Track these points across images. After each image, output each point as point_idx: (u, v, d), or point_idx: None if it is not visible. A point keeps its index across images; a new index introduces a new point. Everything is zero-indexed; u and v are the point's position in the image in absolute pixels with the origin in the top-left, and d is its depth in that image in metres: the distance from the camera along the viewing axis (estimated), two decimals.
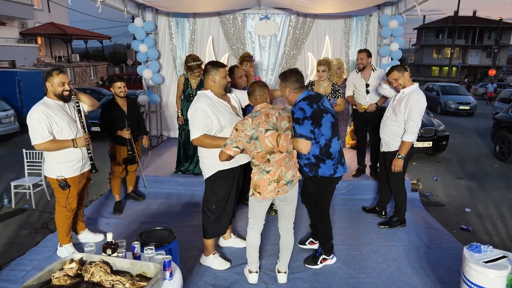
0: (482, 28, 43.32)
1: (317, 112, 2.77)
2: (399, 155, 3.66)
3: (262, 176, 2.65)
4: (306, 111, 2.73)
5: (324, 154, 2.90)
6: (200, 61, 4.72)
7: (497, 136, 8.33)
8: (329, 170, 2.95)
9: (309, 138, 2.72)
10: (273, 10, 6.80)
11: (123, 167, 4.41)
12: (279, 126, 2.63)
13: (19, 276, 3.08)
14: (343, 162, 3.04)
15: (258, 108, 2.70)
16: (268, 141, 2.57)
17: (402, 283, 3.04)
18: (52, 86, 3.07)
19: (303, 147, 2.70)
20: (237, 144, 2.58)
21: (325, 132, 2.83)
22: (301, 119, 2.71)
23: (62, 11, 27.92)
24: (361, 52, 4.68)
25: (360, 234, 3.91)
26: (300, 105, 2.78)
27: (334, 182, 3.08)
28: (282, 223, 2.94)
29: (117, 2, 5.81)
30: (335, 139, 2.92)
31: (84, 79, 24.51)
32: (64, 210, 3.24)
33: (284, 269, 3.04)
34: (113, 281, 1.99)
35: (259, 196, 2.69)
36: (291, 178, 2.71)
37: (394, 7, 6.49)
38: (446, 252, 3.53)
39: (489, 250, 2.43)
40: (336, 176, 3.00)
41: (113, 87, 4.25)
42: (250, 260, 3.00)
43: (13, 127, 9.96)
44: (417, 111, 3.54)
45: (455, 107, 15.39)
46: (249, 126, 2.57)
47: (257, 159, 2.65)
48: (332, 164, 2.94)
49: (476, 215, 5.01)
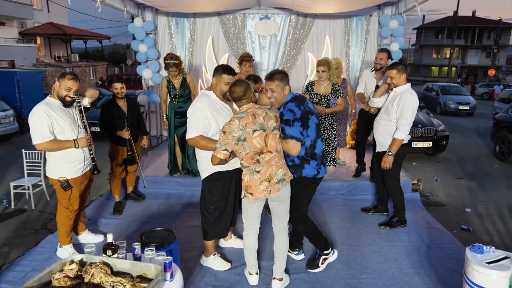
0: (482, 28, 43.38)
1: (304, 114, 2.79)
2: (389, 152, 3.70)
3: (253, 176, 2.62)
4: (295, 113, 2.74)
5: (309, 154, 2.91)
6: (178, 60, 4.75)
7: (497, 136, 8.32)
8: (313, 171, 2.95)
9: (299, 139, 2.73)
10: (273, 10, 6.79)
11: (123, 167, 4.40)
12: (267, 126, 2.59)
13: (18, 277, 3.07)
14: (325, 163, 3.09)
15: (244, 108, 2.63)
16: (256, 142, 2.54)
17: (403, 283, 3.03)
18: (58, 86, 3.06)
19: (294, 148, 2.70)
20: (226, 147, 2.55)
21: (311, 133, 2.86)
22: (292, 121, 2.71)
23: (61, 11, 27.90)
24: (382, 51, 4.54)
25: (361, 234, 3.90)
26: (289, 107, 2.78)
27: (316, 183, 3.08)
28: (276, 224, 2.90)
29: (116, 2, 5.79)
30: (319, 139, 2.97)
31: (83, 79, 24.47)
32: (66, 211, 3.23)
33: (279, 275, 2.92)
34: (113, 282, 1.98)
35: (251, 197, 2.65)
36: (282, 177, 2.68)
37: (394, 7, 6.48)
38: (447, 253, 3.53)
39: (491, 251, 2.42)
40: (319, 177, 3.01)
41: (112, 88, 4.23)
42: (249, 264, 2.99)
43: (12, 127, 9.93)
44: (409, 110, 3.58)
45: (454, 107, 15.38)
46: (236, 128, 2.53)
47: (246, 161, 2.61)
48: (315, 164, 2.96)
49: (477, 215, 5.01)
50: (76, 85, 3.08)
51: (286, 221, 2.90)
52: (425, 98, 16.86)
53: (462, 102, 15.51)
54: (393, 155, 3.70)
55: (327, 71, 4.37)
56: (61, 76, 3.07)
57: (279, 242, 2.90)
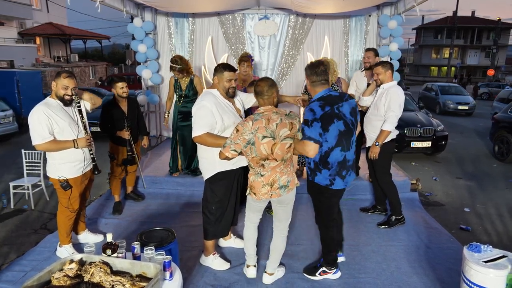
0: (481, 28, 43.43)
1: (327, 116, 2.59)
2: (377, 142, 3.81)
3: (257, 178, 2.64)
4: (316, 113, 2.58)
5: (321, 162, 2.73)
6: (182, 65, 4.60)
7: (496, 136, 8.34)
8: (325, 181, 2.78)
9: (318, 141, 2.57)
10: (273, 10, 6.79)
11: (123, 168, 4.40)
12: (277, 134, 2.52)
13: (18, 277, 3.07)
14: (343, 175, 2.79)
15: (262, 110, 2.61)
16: (263, 148, 2.52)
17: (401, 283, 3.04)
18: (56, 86, 3.07)
19: (310, 150, 2.57)
20: (235, 147, 2.56)
21: (330, 139, 2.65)
22: (310, 121, 2.58)
23: (61, 11, 27.87)
24: (368, 51, 4.67)
25: (360, 234, 3.91)
26: (311, 106, 2.64)
27: (331, 194, 2.85)
28: (276, 225, 2.93)
29: (116, 2, 5.79)
30: (338, 149, 2.69)
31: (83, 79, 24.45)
32: (66, 211, 3.24)
33: (271, 270, 2.98)
34: (113, 281, 1.99)
35: (254, 196, 2.70)
36: (285, 183, 2.66)
37: (393, 7, 6.49)
38: (446, 252, 3.54)
39: (488, 250, 2.43)
40: (333, 188, 2.79)
41: (114, 88, 4.22)
42: (247, 253, 3.01)
43: (11, 127, 9.93)
44: (396, 103, 3.73)
45: (454, 107, 15.40)
46: (248, 130, 2.52)
47: (252, 163, 2.64)
48: (328, 174, 2.75)
49: (475, 215, 5.02)
50: (72, 82, 3.08)
51: (286, 224, 2.92)
52: (424, 98, 16.89)
53: (461, 102, 15.53)
54: (380, 145, 3.81)
55: None
56: (57, 75, 3.08)
57: (276, 242, 2.92)
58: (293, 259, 3.37)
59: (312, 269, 3.13)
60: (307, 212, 4.42)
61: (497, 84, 24.63)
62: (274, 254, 2.94)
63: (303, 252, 3.51)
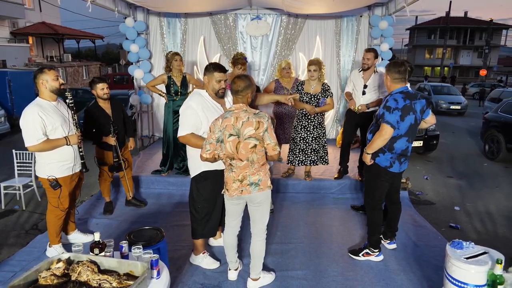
0: (473, 29, 43.82)
1: (407, 108, 2.95)
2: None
3: (229, 173, 2.67)
4: (399, 103, 2.94)
5: (387, 146, 3.05)
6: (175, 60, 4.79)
7: (487, 135, 8.43)
8: (385, 162, 3.12)
9: (394, 126, 2.93)
10: (265, 11, 6.82)
11: (110, 175, 4.30)
12: (241, 132, 2.52)
13: (7, 277, 3.07)
14: (402, 161, 3.17)
15: (233, 108, 2.61)
16: (229, 146, 2.55)
17: (389, 280, 3.08)
18: (47, 82, 3.07)
19: (386, 133, 2.93)
20: (210, 147, 2.58)
21: (402, 128, 2.99)
22: (393, 108, 2.93)
23: (53, 10, 27.65)
24: (368, 51, 4.52)
25: (349, 232, 3.95)
26: (395, 96, 2.99)
27: (388, 175, 3.17)
28: (252, 226, 2.85)
29: (107, 2, 5.78)
30: (405, 138, 3.06)
31: (76, 79, 24.32)
32: (56, 210, 3.24)
33: (255, 275, 2.92)
34: (100, 280, 2.00)
35: (227, 192, 2.71)
36: (256, 181, 2.62)
37: (384, 8, 6.55)
38: (433, 250, 3.59)
39: (470, 247, 2.47)
40: (391, 171, 3.13)
41: (95, 89, 3.97)
42: (227, 259, 3.03)
43: (3, 128, 9.86)
44: None
45: (446, 106, 15.55)
46: (217, 128, 2.55)
47: (225, 161, 2.67)
48: (390, 157, 3.10)
49: (465, 213, 5.08)
50: (55, 72, 3.14)
51: (262, 226, 2.81)
52: None
53: (453, 102, 15.68)
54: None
55: (318, 71, 4.43)
56: (39, 73, 3.07)
57: (254, 246, 2.85)
58: (282, 257, 3.40)
59: (357, 250, 3.39)
60: (299, 212, 4.45)
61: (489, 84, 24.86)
62: (254, 259, 2.88)
63: (293, 250, 3.54)
